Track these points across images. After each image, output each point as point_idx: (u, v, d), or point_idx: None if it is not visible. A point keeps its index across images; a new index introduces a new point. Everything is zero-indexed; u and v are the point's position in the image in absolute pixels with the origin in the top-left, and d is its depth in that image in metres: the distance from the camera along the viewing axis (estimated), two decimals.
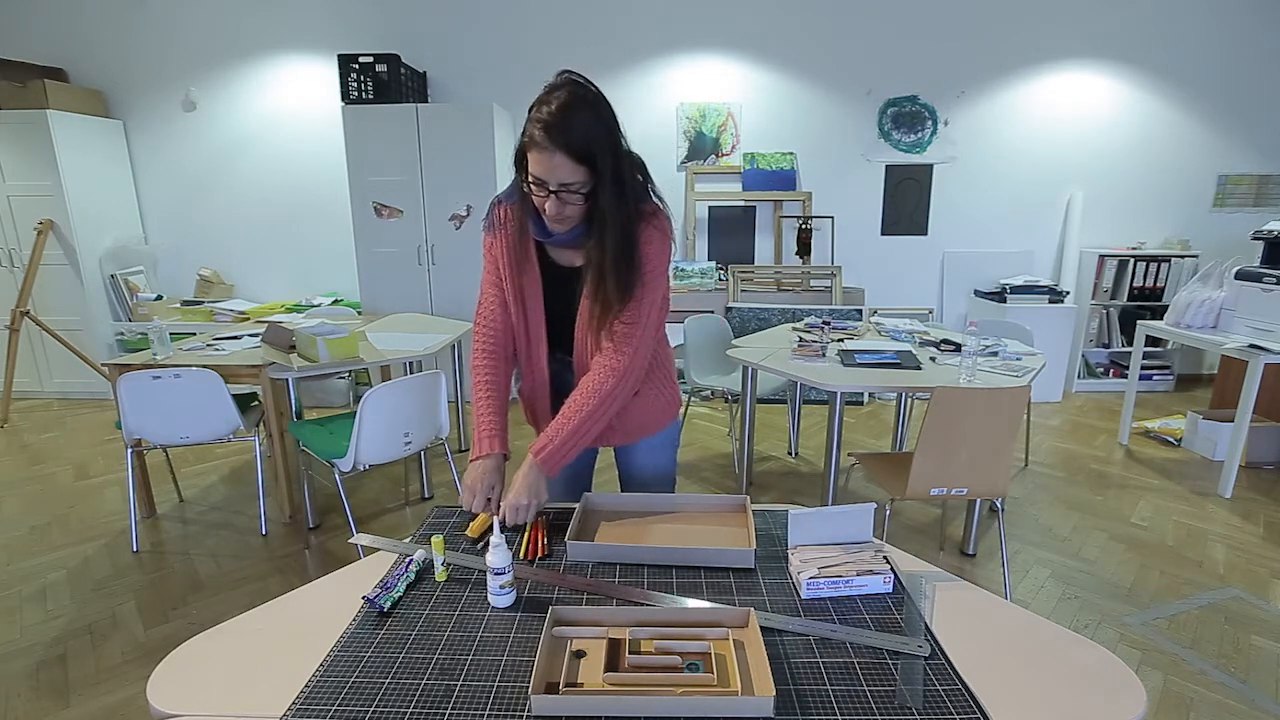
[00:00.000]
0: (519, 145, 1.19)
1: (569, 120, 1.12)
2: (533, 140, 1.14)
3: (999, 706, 0.83)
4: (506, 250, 1.34)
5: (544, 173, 1.15)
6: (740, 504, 1.34)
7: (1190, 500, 3.13)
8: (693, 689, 0.85)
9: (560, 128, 1.12)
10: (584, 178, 1.16)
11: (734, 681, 0.87)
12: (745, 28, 4.58)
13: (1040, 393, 4.60)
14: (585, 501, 1.36)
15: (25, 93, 4.30)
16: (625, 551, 1.17)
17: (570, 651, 0.93)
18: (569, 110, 1.13)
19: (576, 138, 1.13)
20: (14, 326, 4.32)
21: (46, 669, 2.03)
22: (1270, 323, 3.20)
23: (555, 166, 1.14)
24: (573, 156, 1.13)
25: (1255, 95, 4.61)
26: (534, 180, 1.17)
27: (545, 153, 1.13)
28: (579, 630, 0.97)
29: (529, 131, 1.15)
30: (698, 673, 0.88)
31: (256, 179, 4.91)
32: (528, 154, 1.16)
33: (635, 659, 0.91)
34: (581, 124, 1.13)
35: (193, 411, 2.61)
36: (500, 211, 1.36)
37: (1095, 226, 4.83)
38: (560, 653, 0.93)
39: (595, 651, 0.93)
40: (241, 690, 0.88)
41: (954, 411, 2.03)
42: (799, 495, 3.23)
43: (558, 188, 1.16)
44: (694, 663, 0.90)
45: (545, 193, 1.17)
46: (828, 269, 4.64)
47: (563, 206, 1.19)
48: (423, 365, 2.98)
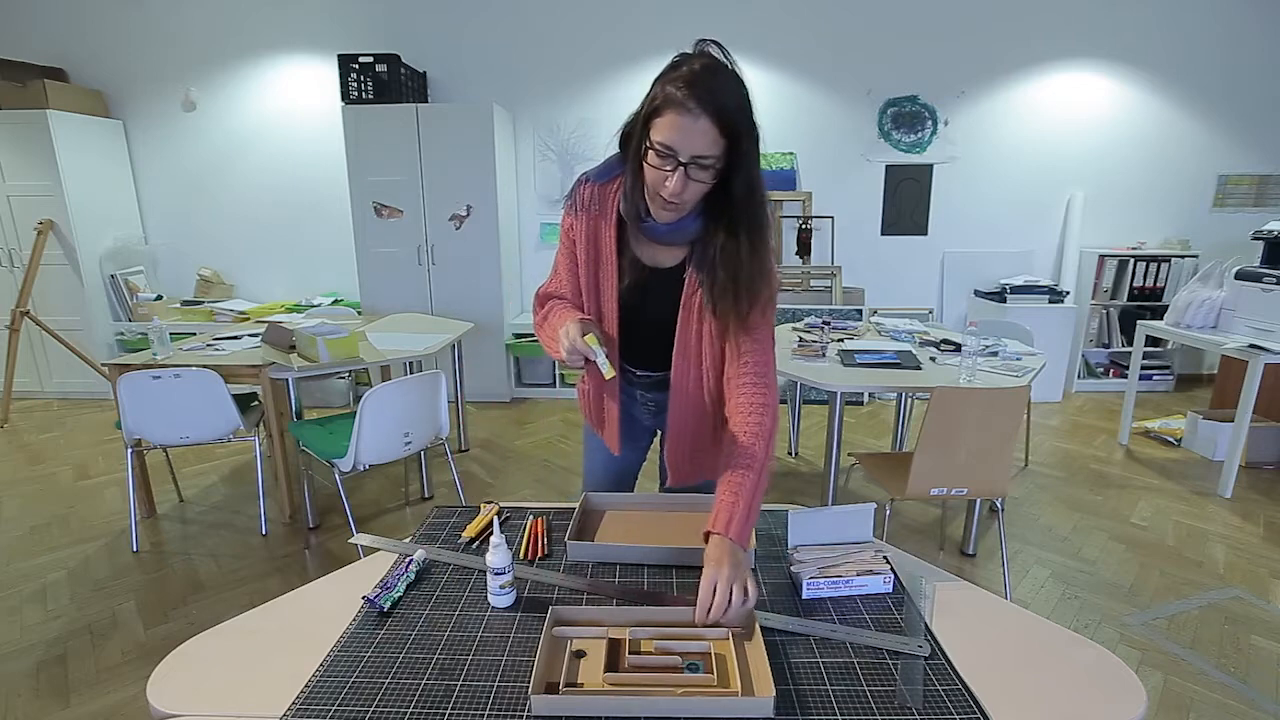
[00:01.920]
0: (643, 111, 1.04)
1: (719, 83, 0.99)
2: (672, 101, 0.98)
3: (999, 706, 0.83)
4: (588, 232, 1.21)
5: (679, 140, 0.99)
6: None
7: (1190, 500, 3.13)
8: (693, 689, 0.85)
9: (710, 89, 0.98)
10: (720, 153, 1.01)
11: (734, 682, 0.87)
12: (745, 28, 4.58)
13: (1040, 393, 4.60)
14: (585, 501, 1.36)
15: (25, 93, 4.30)
16: (625, 551, 1.17)
17: (570, 651, 0.93)
18: (718, 73, 1.00)
19: (727, 104, 0.99)
20: (14, 326, 4.32)
21: (46, 669, 2.03)
22: (1270, 323, 3.19)
23: (696, 134, 0.98)
24: (718, 125, 0.98)
25: (1255, 95, 4.61)
26: (661, 148, 1.01)
27: (688, 116, 0.98)
28: (579, 630, 0.97)
29: (666, 92, 1.00)
30: (698, 673, 0.88)
31: (256, 179, 4.91)
32: (659, 117, 1.00)
33: (635, 659, 0.91)
34: (731, 92, 1.00)
35: (193, 411, 2.61)
36: (586, 191, 1.21)
37: (1095, 226, 4.83)
38: (560, 653, 0.93)
39: (595, 651, 0.93)
40: (241, 690, 0.88)
41: (954, 411, 2.03)
42: (799, 495, 3.23)
43: (690, 160, 1.00)
44: (694, 663, 0.90)
45: (673, 165, 1.01)
46: (828, 269, 4.64)
47: (686, 186, 1.02)
48: (423, 365, 2.98)
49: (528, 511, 1.36)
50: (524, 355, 4.72)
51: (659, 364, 1.29)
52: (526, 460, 3.66)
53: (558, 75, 4.66)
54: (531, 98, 4.72)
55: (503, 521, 1.33)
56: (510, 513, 1.36)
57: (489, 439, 3.99)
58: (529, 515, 1.34)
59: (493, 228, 4.34)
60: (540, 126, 4.76)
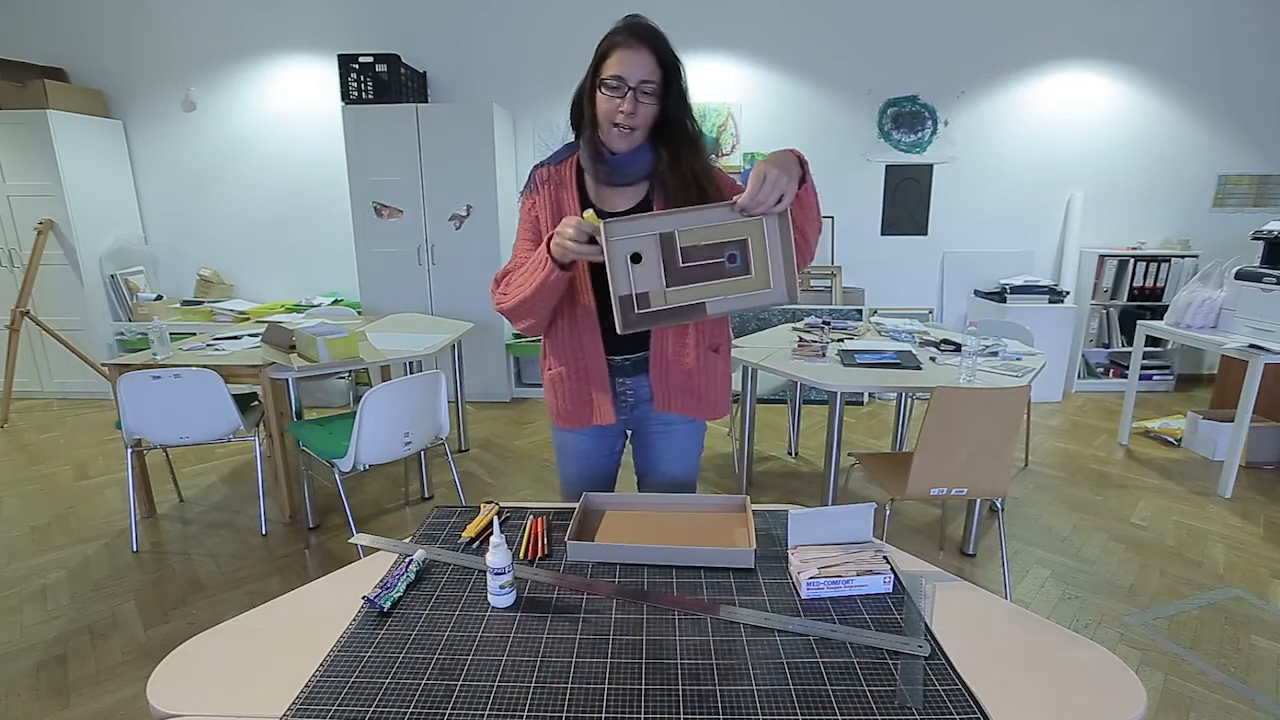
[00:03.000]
0: (594, 60, 1.26)
1: (650, 28, 1.25)
2: (617, 42, 1.23)
3: (999, 706, 0.83)
4: (550, 202, 1.38)
5: (628, 69, 1.22)
6: (740, 504, 1.34)
7: (1190, 500, 3.13)
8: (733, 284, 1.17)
9: (644, 30, 1.24)
10: (659, 81, 1.25)
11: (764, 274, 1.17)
12: (745, 28, 4.58)
13: (1040, 393, 4.60)
14: (585, 501, 1.36)
15: (25, 93, 4.30)
16: (625, 551, 1.17)
17: (629, 254, 1.14)
18: (648, 24, 1.26)
19: (659, 41, 1.25)
20: (14, 326, 4.32)
21: (46, 669, 2.03)
22: (1270, 323, 3.19)
23: (639, 62, 1.22)
24: (655, 55, 1.23)
25: (1255, 95, 4.61)
26: (613, 80, 1.23)
27: (631, 50, 1.22)
28: (632, 242, 1.14)
29: (610, 40, 1.25)
30: (736, 264, 1.14)
31: (256, 179, 4.91)
32: (607, 59, 1.24)
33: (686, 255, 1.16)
34: (660, 35, 1.26)
35: (193, 411, 2.61)
36: (541, 173, 1.41)
37: (1095, 226, 4.83)
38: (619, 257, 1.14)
39: (650, 252, 1.15)
40: (241, 690, 0.88)
41: (954, 411, 2.03)
42: (799, 495, 3.23)
43: (637, 84, 1.23)
44: (734, 253, 1.16)
45: (624, 91, 1.23)
46: (828, 269, 4.64)
47: (636, 107, 1.24)
48: (423, 365, 2.98)
49: (528, 511, 1.36)
50: (524, 355, 4.72)
51: (635, 340, 1.39)
52: (526, 460, 3.66)
53: (558, 75, 4.66)
54: (531, 98, 4.72)
55: (503, 521, 1.33)
56: (510, 513, 1.37)
57: (489, 439, 3.99)
58: (529, 515, 1.34)
59: (493, 228, 4.34)
60: (540, 126, 4.76)
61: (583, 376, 1.44)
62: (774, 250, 1.17)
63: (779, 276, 1.18)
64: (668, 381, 1.43)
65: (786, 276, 1.19)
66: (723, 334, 1.49)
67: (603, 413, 1.45)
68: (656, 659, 0.93)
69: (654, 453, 1.55)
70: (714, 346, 1.47)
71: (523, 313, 1.37)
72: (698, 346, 1.43)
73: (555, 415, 1.51)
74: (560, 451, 1.59)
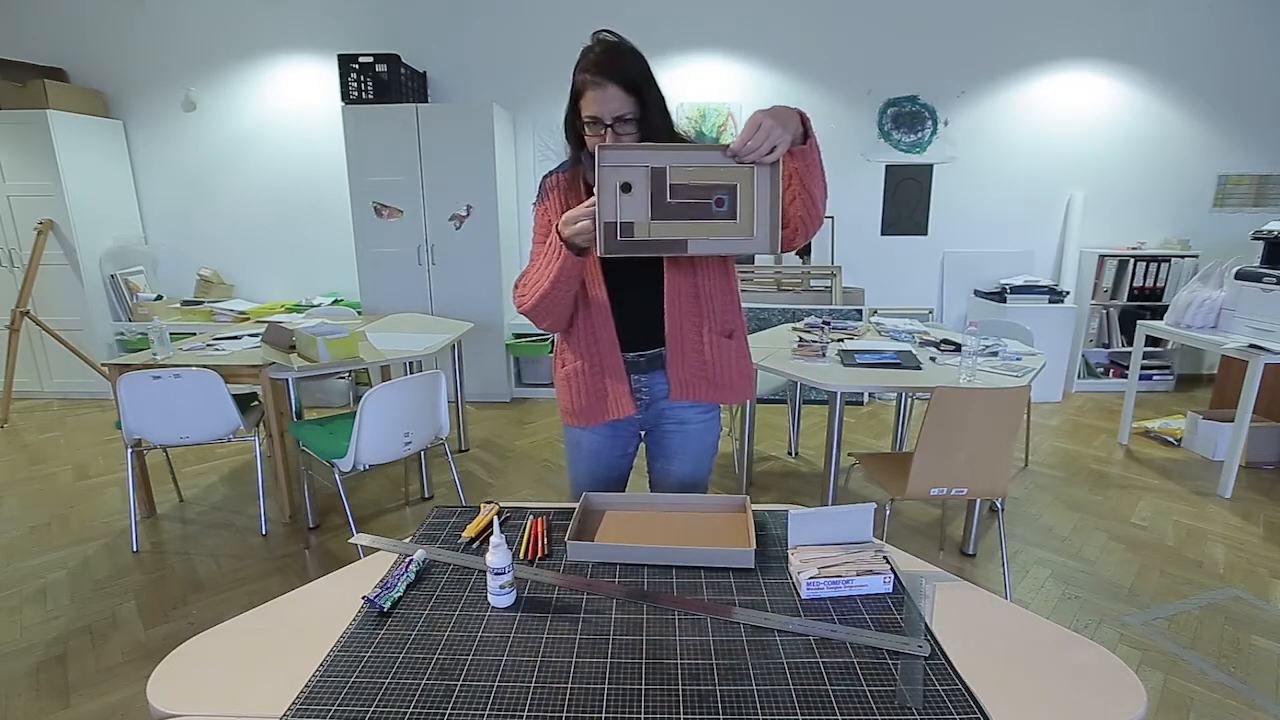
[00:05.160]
0: (571, 96, 1.29)
1: (614, 58, 1.25)
2: (587, 81, 1.25)
3: (999, 706, 0.83)
4: (561, 206, 1.38)
5: (600, 108, 1.24)
6: (740, 504, 1.34)
7: (1190, 500, 3.13)
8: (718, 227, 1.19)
9: (609, 64, 1.24)
10: (634, 108, 1.26)
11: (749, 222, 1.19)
12: (745, 28, 4.58)
13: (1040, 393, 4.60)
14: (585, 501, 1.36)
15: (25, 93, 4.30)
16: (625, 551, 1.17)
17: (619, 183, 1.15)
18: (612, 50, 1.26)
19: (625, 70, 1.25)
20: (14, 326, 4.32)
21: (46, 669, 2.03)
22: (1270, 323, 3.19)
23: (609, 99, 1.24)
24: (624, 87, 1.24)
25: (1255, 95, 4.61)
26: (590, 120, 1.26)
27: (599, 89, 1.23)
28: (625, 173, 1.17)
29: (580, 77, 1.26)
30: (724, 209, 1.16)
31: (256, 179, 4.91)
32: (581, 99, 1.26)
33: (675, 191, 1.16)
34: (625, 59, 1.26)
35: (193, 411, 2.61)
36: (550, 181, 1.43)
37: (1095, 226, 4.83)
38: (609, 187, 1.16)
39: (640, 183, 1.18)
40: (241, 690, 0.88)
41: (954, 411, 2.03)
42: (799, 495, 3.23)
43: (613, 121, 1.25)
44: (721, 196, 1.17)
45: (602, 129, 1.26)
46: (828, 269, 4.64)
47: (619, 140, 1.27)
48: (423, 365, 2.98)
49: (528, 511, 1.36)
50: (524, 355, 4.72)
51: (649, 336, 1.42)
52: (526, 460, 3.66)
53: (558, 75, 4.66)
54: (531, 98, 4.72)
55: (503, 521, 1.33)
56: (510, 513, 1.37)
57: (489, 439, 3.99)
58: (529, 515, 1.34)
59: (493, 228, 4.35)
60: (540, 126, 4.76)
61: (598, 370, 1.45)
62: (761, 200, 1.19)
63: (763, 226, 1.20)
64: (684, 369, 1.44)
65: (771, 227, 1.20)
66: (735, 319, 1.49)
67: (620, 405, 1.45)
68: (656, 659, 0.93)
69: (668, 450, 1.55)
70: (727, 332, 1.47)
71: (545, 308, 1.38)
72: (710, 334, 1.44)
73: (569, 413, 1.51)
74: (572, 450, 1.59)
